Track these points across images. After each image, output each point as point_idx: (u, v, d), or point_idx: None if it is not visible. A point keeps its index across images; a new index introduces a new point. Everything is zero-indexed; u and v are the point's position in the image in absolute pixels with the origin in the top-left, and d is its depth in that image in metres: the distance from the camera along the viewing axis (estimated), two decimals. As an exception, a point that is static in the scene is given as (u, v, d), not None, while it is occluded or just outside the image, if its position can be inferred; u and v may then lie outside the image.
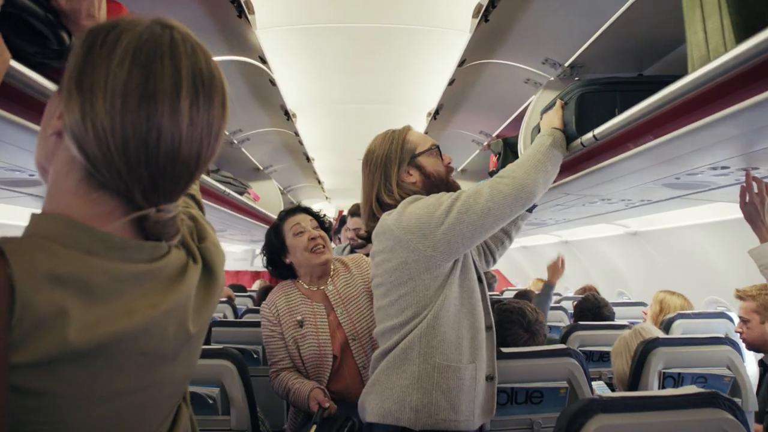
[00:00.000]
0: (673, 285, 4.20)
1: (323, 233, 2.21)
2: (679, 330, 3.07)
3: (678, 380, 2.24)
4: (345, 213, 3.60)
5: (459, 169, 5.02)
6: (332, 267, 2.22)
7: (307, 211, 2.28)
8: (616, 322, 3.36)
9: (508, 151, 3.27)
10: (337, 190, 6.84)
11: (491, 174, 3.72)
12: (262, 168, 4.93)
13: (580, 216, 3.73)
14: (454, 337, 1.81)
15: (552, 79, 2.54)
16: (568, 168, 2.20)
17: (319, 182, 6.08)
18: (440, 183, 1.92)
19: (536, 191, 1.74)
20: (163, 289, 0.78)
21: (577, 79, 2.44)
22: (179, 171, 0.75)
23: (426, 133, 3.80)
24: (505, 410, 2.11)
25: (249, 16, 1.92)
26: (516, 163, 1.78)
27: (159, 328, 0.76)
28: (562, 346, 2.22)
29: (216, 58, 2.42)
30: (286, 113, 3.18)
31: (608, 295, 5.14)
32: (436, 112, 3.22)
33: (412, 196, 1.86)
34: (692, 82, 1.35)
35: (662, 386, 2.22)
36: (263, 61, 2.38)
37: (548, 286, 3.67)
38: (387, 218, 1.87)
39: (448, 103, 3.18)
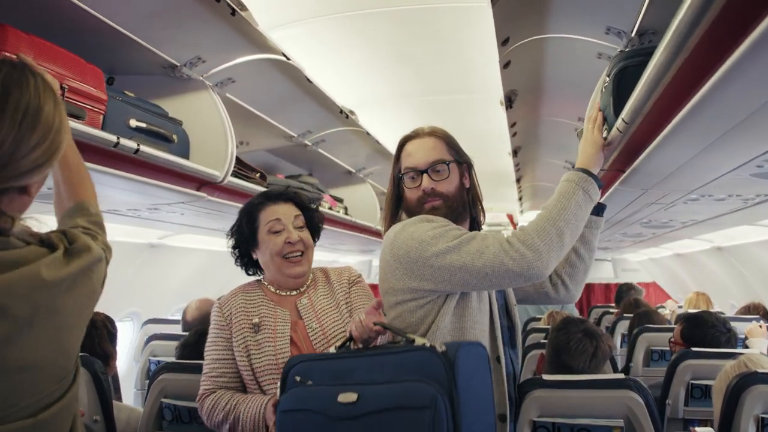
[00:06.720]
0: None
1: (307, 236, 1.94)
2: (832, 364, 2.56)
3: (785, 430, 1.88)
4: None
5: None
6: (311, 277, 2.01)
7: (295, 199, 1.97)
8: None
9: (592, 139, 2.99)
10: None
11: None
12: (354, 171, 5.02)
13: (705, 217, 3.28)
14: None
15: (621, 51, 2.27)
16: (625, 162, 1.97)
17: (422, 184, 6.04)
18: (413, 212, 1.84)
19: (545, 273, 1.64)
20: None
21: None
22: None
23: (513, 124, 3.61)
24: (545, 450, 1.95)
25: (242, 13, 1.98)
26: (530, 232, 1.64)
27: None
28: (620, 375, 1.99)
29: (243, 59, 2.55)
30: (341, 110, 3.22)
31: (778, 316, 4.49)
32: (509, 99, 3.05)
33: (420, 216, 1.80)
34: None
35: (760, 438, 1.88)
36: (287, 57, 2.44)
37: None
38: (390, 232, 1.84)
39: (522, 88, 2.98)
